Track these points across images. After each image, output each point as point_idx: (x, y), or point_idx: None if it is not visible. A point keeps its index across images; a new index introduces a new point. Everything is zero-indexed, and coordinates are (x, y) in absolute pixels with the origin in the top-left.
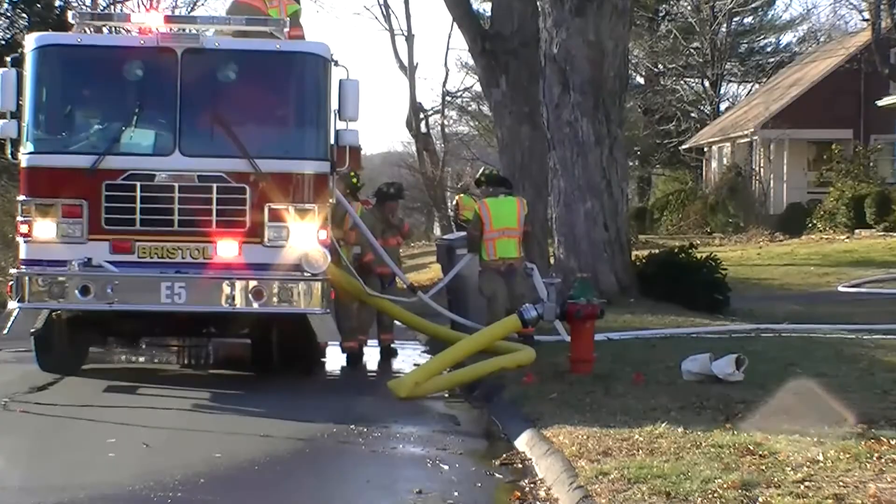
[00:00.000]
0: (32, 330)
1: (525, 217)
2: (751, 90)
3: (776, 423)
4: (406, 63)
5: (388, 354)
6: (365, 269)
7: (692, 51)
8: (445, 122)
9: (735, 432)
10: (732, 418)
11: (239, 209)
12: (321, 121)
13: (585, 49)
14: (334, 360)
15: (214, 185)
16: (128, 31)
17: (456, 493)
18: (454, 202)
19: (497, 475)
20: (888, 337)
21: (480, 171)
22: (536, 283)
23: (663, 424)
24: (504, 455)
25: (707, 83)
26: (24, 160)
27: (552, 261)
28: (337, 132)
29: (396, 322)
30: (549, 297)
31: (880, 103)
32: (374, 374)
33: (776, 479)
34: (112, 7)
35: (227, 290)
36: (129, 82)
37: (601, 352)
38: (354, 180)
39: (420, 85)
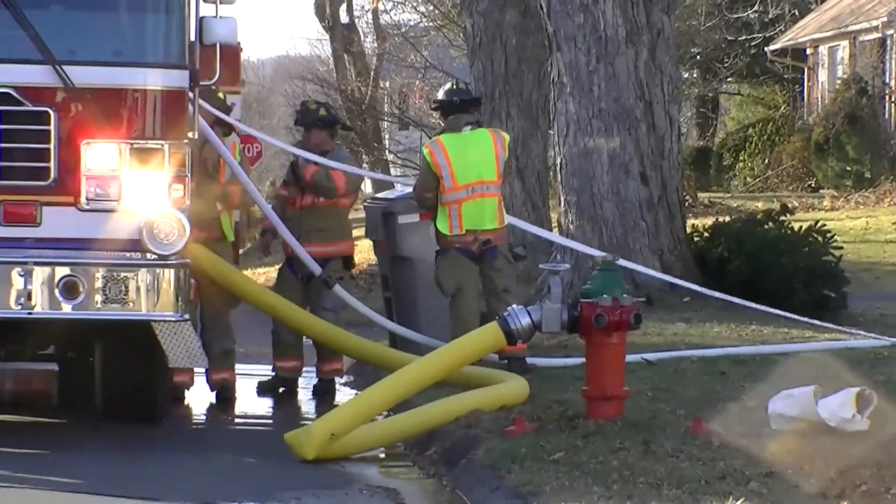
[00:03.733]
0: None
1: (506, 163)
2: None
3: None
4: None
5: (325, 391)
6: (265, 245)
7: None
8: (380, 8)
9: None
10: (852, 492)
11: (37, 149)
12: (174, 3)
13: None
14: (198, 397)
15: None
16: None
17: None
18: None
19: None
20: None
21: (443, 88)
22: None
23: (739, 502)
24: None
25: None
26: None
27: (556, 234)
28: (200, 21)
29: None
30: (551, 293)
31: None
32: (265, 420)
33: None
34: None
35: (17, 282)
36: None
37: (637, 383)
38: (220, 95)
39: None
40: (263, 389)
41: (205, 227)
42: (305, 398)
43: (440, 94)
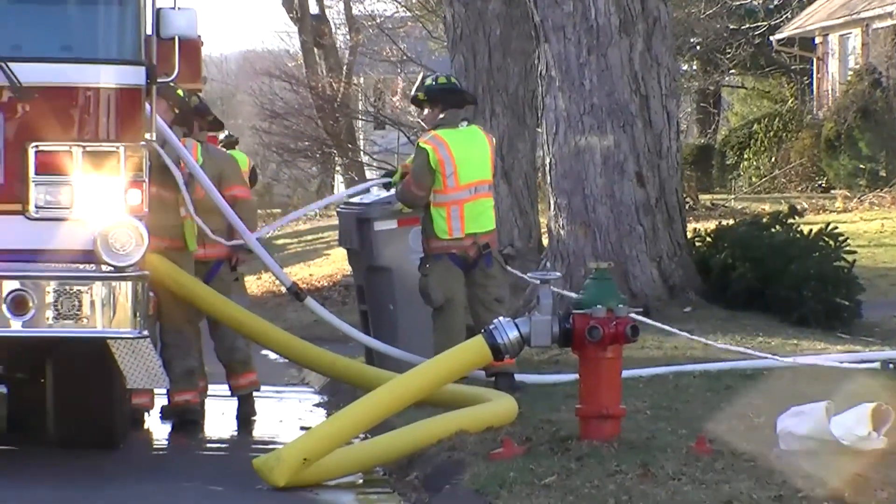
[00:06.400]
0: None
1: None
2: None
3: None
4: None
5: (246, 411)
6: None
7: None
8: None
9: None
10: None
11: None
12: None
13: None
14: (159, 421)
15: None
16: None
17: None
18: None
19: None
20: None
21: (420, 79)
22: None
23: None
24: None
25: None
26: None
27: (545, 240)
28: (157, 13)
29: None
30: (541, 304)
31: None
32: (232, 445)
33: None
34: None
35: None
36: None
37: (634, 400)
38: (180, 93)
39: None
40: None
41: (165, 235)
42: (273, 421)
43: (418, 86)
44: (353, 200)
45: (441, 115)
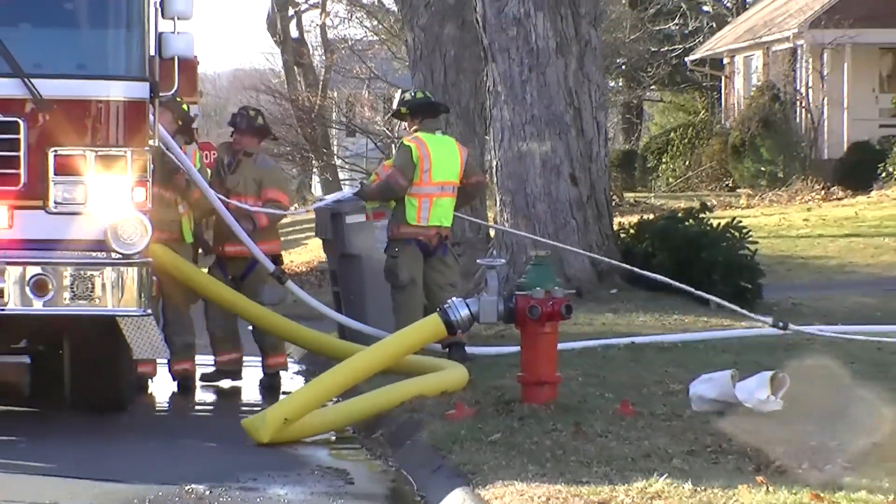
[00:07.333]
0: None
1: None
2: None
3: (834, 475)
4: None
5: (270, 386)
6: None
7: None
8: (328, 23)
9: (771, 489)
10: (767, 468)
11: (8, 156)
12: (134, 19)
13: None
14: (162, 387)
15: None
16: None
17: None
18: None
19: None
20: None
21: (399, 94)
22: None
23: (663, 479)
24: None
25: None
26: None
27: (492, 232)
28: (160, 36)
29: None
30: (488, 286)
31: None
32: (224, 407)
33: None
34: None
35: None
36: None
37: (568, 369)
38: (185, 107)
39: None
40: (207, 380)
41: (166, 229)
42: (256, 389)
43: (399, 100)
44: (326, 197)
45: (418, 123)
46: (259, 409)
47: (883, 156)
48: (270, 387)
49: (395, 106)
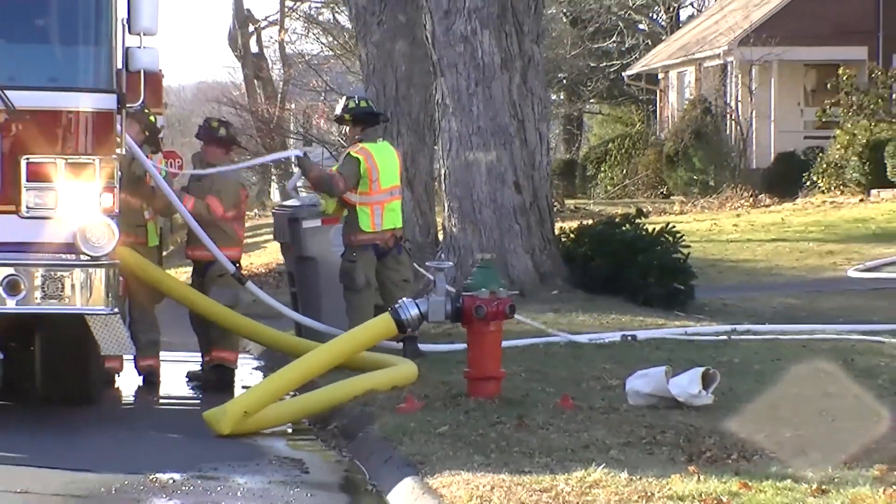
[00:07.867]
0: None
1: None
2: None
3: (761, 464)
4: None
5: (222, 380)
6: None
7: None
8: (286, 39)
9: (702, 478)
10: (698, 458)
11: None
12: (103, 34)
13: None
14: (128, 381)
15: None
16: None
17: None
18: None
19: None
20: None
21: (344, 101)
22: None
23: (600, 468)
24: None
25: None
26: None
27: (440, 236)
28: (126, 51)
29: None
30: (437, 287)
31: None
32: (187, 402)
33: None
34: None
35: None
36: None
37: (512, 365)
38: (152, 119)
39: None
40: (195, 379)
41: (132, 232)
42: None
43: (343, 107)
44: (285, 203)
45: (360, 132)
46: (221, 402)
47: (807, 165)
48: (206, 380)
49: (338, 111)
